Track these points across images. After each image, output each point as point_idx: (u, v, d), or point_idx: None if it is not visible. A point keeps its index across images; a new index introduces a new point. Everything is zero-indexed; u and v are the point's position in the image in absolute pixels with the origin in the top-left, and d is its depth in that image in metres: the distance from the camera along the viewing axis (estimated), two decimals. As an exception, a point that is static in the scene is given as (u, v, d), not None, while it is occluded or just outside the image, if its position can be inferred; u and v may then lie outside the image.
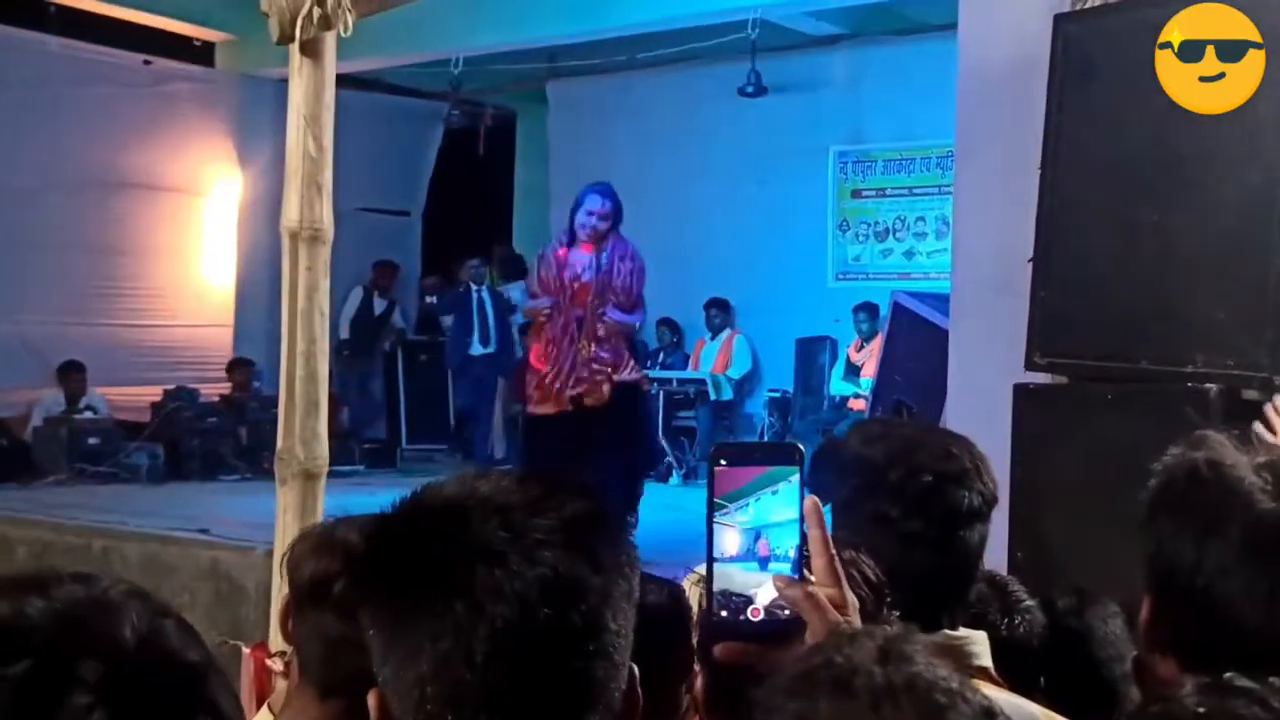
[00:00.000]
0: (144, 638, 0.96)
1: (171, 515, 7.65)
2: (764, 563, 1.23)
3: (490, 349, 11.13)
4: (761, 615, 1.22)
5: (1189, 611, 1.44)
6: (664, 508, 8.61)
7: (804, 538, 1.24)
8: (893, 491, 1.76)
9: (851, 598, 1.26)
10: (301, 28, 2.47)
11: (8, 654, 0.90)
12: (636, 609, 1.18)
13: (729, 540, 1.23)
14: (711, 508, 1.24)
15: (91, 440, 9.81)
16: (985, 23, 4.28)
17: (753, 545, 1.23)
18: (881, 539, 1.72)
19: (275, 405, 9.26)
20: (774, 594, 1.23)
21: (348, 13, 2.50)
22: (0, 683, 0.88)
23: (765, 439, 10.61)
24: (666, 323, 11.37)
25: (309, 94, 2.57)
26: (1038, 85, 3.81)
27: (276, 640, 2.26)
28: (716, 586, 1.23)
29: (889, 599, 1.44)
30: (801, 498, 1.24)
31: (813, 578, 1.24)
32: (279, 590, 2.42)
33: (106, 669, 0.92)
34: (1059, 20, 3.79)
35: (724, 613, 1.23)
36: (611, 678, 1.13)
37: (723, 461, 1.25)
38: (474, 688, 1.08)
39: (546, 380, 6.88)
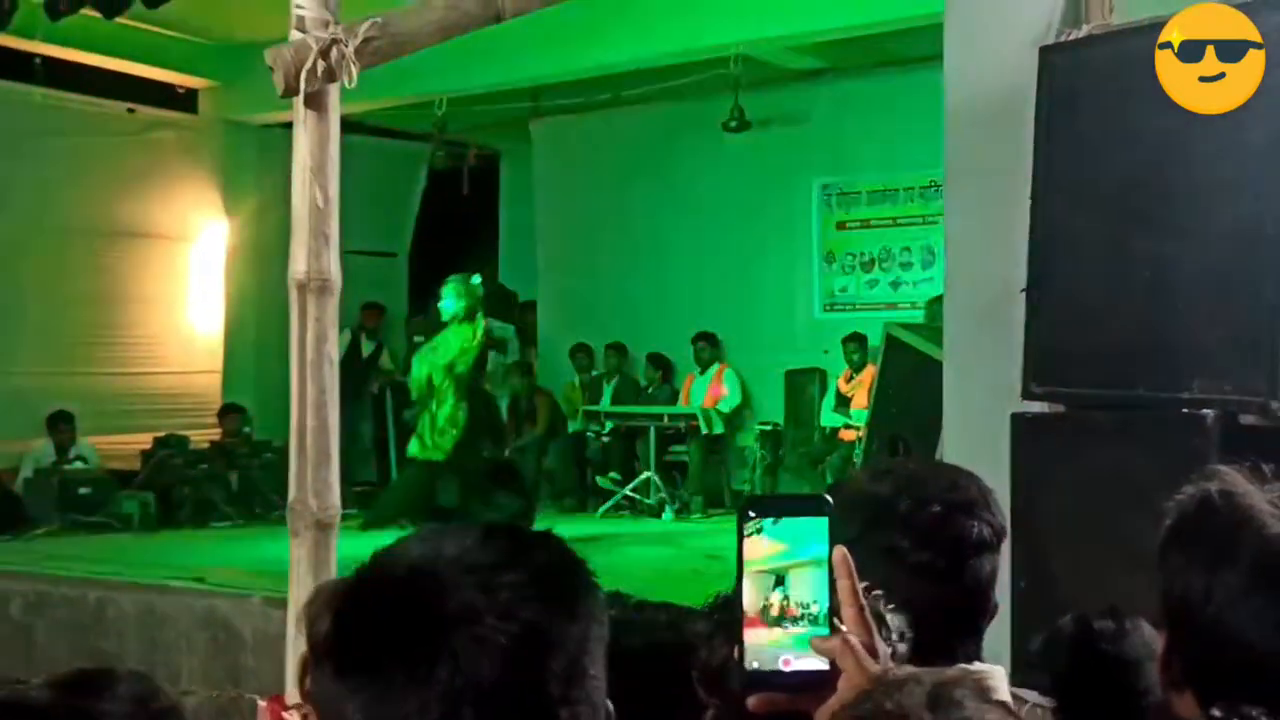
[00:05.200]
0: None
1: (165, 564, 7.62)
2: (790, 613, 1.25)
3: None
4: (793, 665, 1.23)
5: (1203, 643, 1.44)
6: (658, 543, 8.62)
7: (834, 587, 1.25)
8: (901, 524, 1.77)
9: (882, 646, 1.26)
10: (306, 80, 2.49)
11: None
12: (645, 644, 1.19)
13: (759, 591, 1.25)
14: (741, 559, 1.25)
15: (82, 490, 9.77)
16: (970, 55, 4.32)
17: (783, 596, 1.25)
18: (892, 572, 1.72)
19: (266, 451, 9.31)
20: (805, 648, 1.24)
21: (352, 64, 2.52)
22: None
23: (757, 472, 10.63)
24: (655, 358, 11.39)
25: (314, 146, 2.58)
26: (1025, 116, 3.85)
27: (293, 693, 2.25)
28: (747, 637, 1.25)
29: (884, 632, 1.46)
30: (830, 547, 1.26)
31: (843, 627, 1.26)
32: (294, 644, 2.41)
33: None
34: (1044, 52, 3.83)
35: (755, 663, 1.24)
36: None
37: (751, 514, 1.26)
38: None
39: None
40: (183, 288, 11.69)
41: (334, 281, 2.62)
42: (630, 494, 10.46)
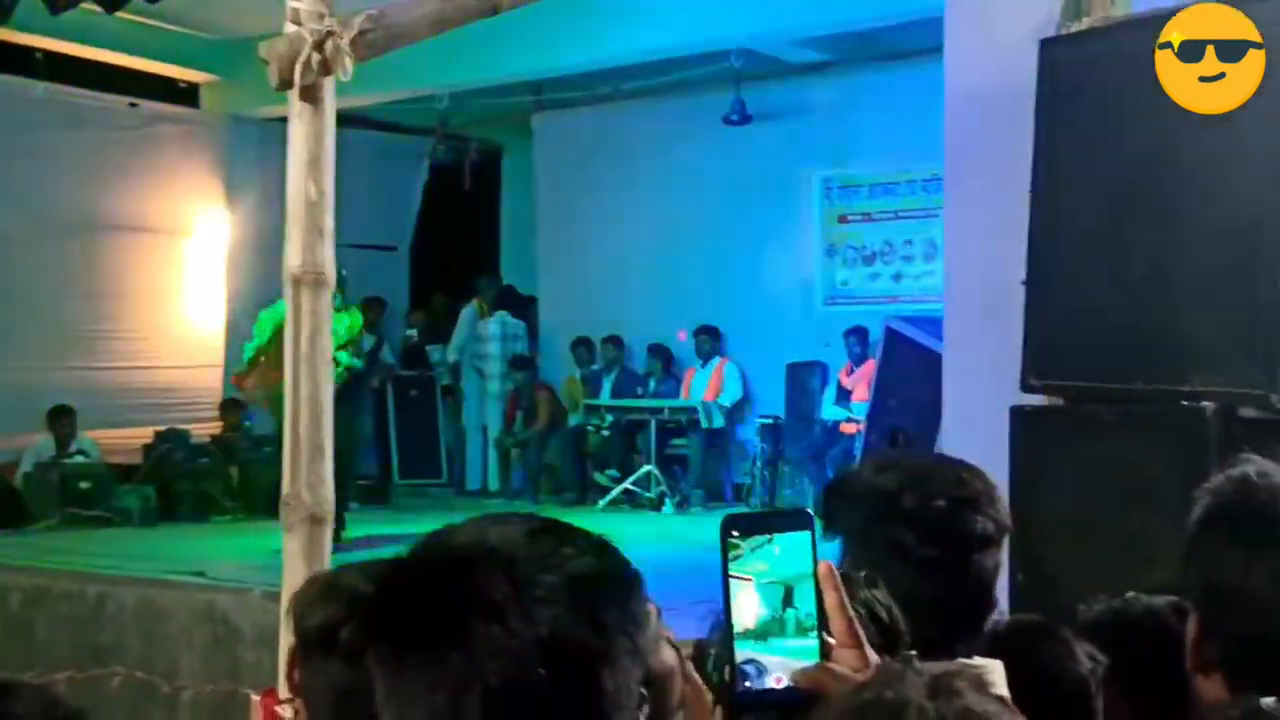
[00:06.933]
0: None
1: (165, 558, 7.62)
2: (781, 628, 1.25)
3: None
4: (785, 682, 1.24)
5: (1238, 624, 1.45)
6: (658, 538, 8.60)
7: (820, 601, 1.25)
8: (907, 518, 1.76)
9: (873, 656, 1.27)
10: (301, 73, 2.48)
11: None
12: None
13: (746, 607, 1.25)
14: (726, 577, 1.25)
15: (83, 484, 9.77)
16: (971, 49, 4.31)
17: (770, 612, 1.25)
18: (896, 567, 1.73)
19: (267, 445, 9.27)
20: (793, 664, 1.24)
21: (347, 57, 2.51)
22: None
23: (758, 465, 10.63)
24: (656, 350, 11.38)
25: (309, 139, 2.58)
26: (1025, 109, 3.84)
27: (285, 687, 2.25)
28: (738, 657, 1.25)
29: (906, 639, 1.45)
30: (815, 561, 1.26)
31: (832, 640, 1.26)
32: (286, 639, 2.40)
33: None
34: (1045, 45, 3.82)
35: (747, 682, 1.24)
36: None
37: (735, 532, 1.26)
38: None
39: None
40: (184, 282, 11.69)
41: (329, 275, 2.62)
42: (631, 488, 10.47)
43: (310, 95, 2.59)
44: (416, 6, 2.71)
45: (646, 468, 10.45)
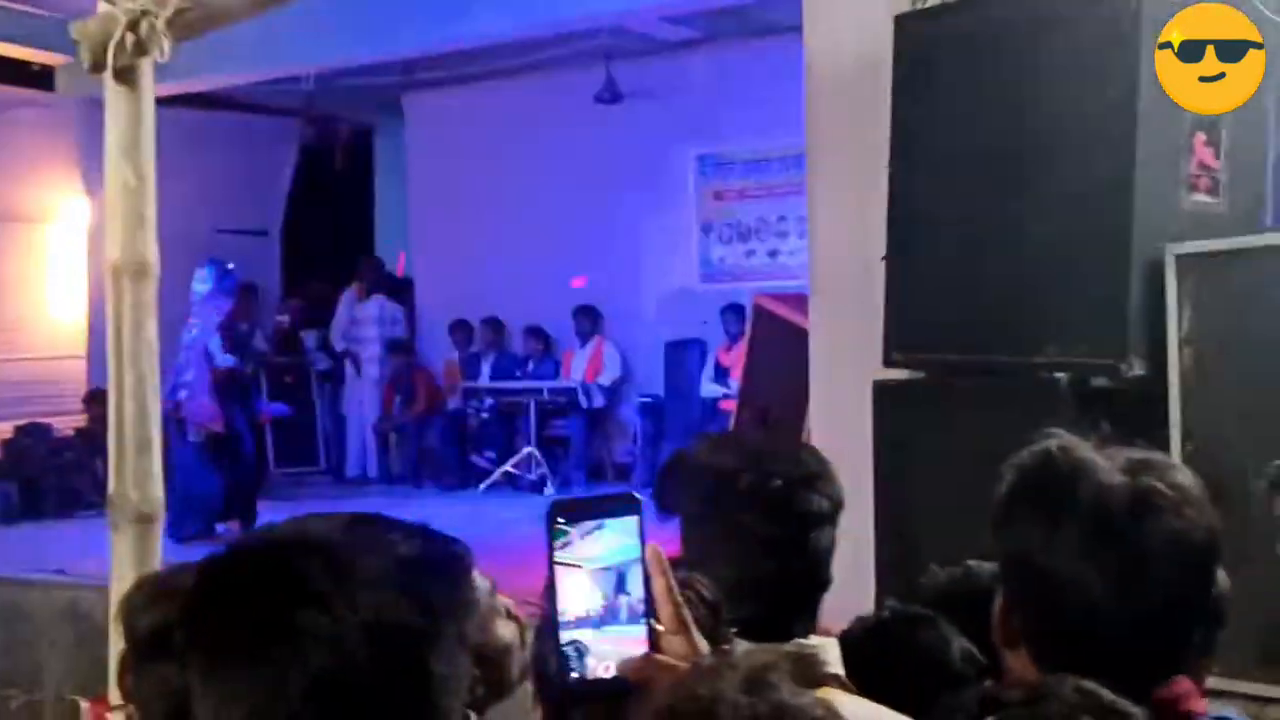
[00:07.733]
0: None
1: (27, 557, 7.39)
2: (610, 614, 1.22)
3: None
4: (614, 671, 1.21)
5: (1042, 598, 1.46)
6: (540, 520, 8.55)
7: (649, 585, 1.23)
8: (744, 498, 1.75)
9: (701, 643, 1.24)
10: (114, 55, 2.37)
11: None
12: None
13: (574, 595, 1.22)
14: (552, 563, 1.22)
15: (-61, 483, 9.45)
16: (828, 25, 4.32)
17: (598, 598, 1.22)
18: (735, 547, 1.72)
19: (133, 437, 8.97)
20: (623, 651, 1.21)
21: (163, 37, 2.40)
22: None
23: (639, 444, 10.62)
24: (534, 332, 11.31)
25: (126, 123, 2.47)
26: (883, 85, 3.86)
27: (115, 693, 2.16)
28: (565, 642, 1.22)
29: (726, 618, 1.43)
30: (643, 545, 1.23)
31: (659, 626, 1.23)
32: (115, 644, 2.31)
33: None
34: (900, 20, 3.84)
35: (575, 673, 1.21)
36: None
37: (561, 518, 1.23)
38: None
39: None
40: (43, 271, 11.32)
41: (151, 264, 2.52)
42: (512, 470, 10.40)
43: (125, 78, 2.48)
44: (237, -16, 2.61)
45: (527, 449, 10.40)
